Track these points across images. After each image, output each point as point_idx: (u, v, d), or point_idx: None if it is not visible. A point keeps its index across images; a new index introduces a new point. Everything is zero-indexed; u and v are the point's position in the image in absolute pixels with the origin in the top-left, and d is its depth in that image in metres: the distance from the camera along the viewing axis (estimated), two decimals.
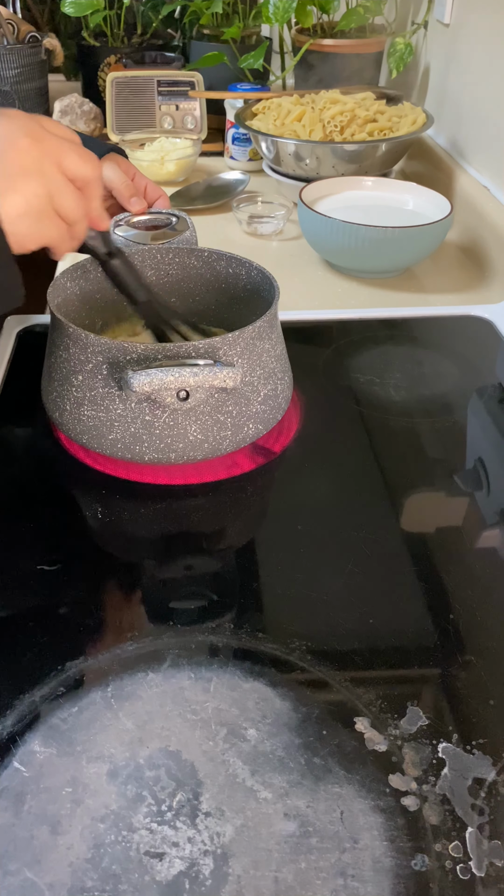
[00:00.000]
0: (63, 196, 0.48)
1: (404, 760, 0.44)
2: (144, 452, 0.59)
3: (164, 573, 0.56)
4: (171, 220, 0.74)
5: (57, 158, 0.48)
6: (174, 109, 1.35)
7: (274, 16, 1.27)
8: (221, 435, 0.60)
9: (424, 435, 0.70)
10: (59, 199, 0.48)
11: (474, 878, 0.39)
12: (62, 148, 0.48)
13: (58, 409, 0.62)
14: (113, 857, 0.39)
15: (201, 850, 0.40)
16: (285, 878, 0.39)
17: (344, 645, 0.50)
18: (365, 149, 1.08)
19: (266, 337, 0.61)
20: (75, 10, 1.35)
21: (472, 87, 1.11)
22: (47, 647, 0.50)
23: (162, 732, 0.45)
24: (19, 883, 0.39)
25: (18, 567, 0.56)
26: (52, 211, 0.48)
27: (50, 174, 0.47)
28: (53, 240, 0.50)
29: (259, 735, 0.45)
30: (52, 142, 0.48)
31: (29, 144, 0.46)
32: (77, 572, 0.56)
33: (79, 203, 0.50)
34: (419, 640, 0.51)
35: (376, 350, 0.83)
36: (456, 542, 0.59)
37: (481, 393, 0.76)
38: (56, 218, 0.49)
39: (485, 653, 0.50)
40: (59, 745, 0.44)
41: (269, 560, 0.57)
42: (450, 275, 1.00)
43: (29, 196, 0.46)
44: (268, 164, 1.19)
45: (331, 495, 0.64)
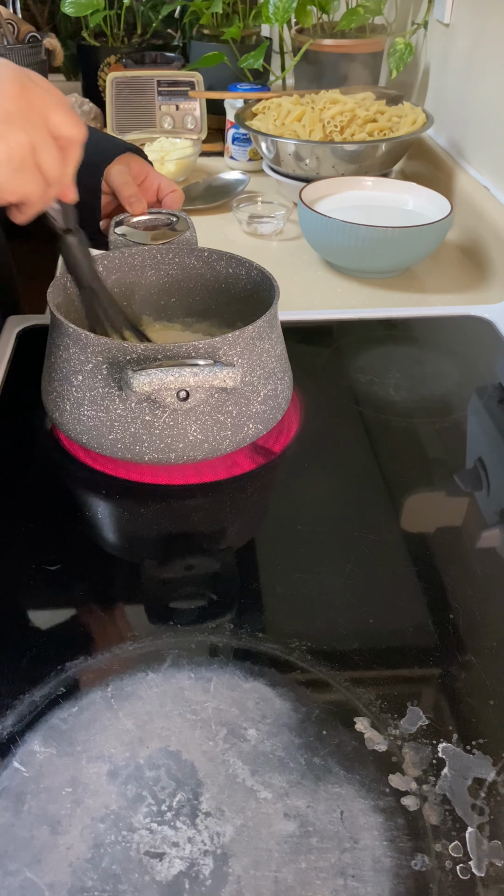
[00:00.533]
0: (46, 151, 0.46)
1: (404, 760, 0.44)
2: (144, 452, 0.59)
3: (164, 573, 0.56)
4: (171, 220, 0.74)
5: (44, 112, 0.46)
6: (174, 109, 1.35)
7: (274, 16, 1.27)
8: (221, 435, 0.60)
9: (424, 435, 0.70)
10: (42, 154, 0.46)
11: (474, 878, 0.39)
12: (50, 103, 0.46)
13: (58, 409, 0.62)
14: (113, 857, 0.39)
15: (201, 850, 0.40)
16: (285, 878, 0.39)
17: (344, 645, 0.50)
18: (365, 149, 1.08)
19: (266, 337, 0.61)
20: (75, 10, 1.35)
21: (471, 87, 1.11)
22: (47, 647, 0.50)
23: (162, 732, 0.45)
24: (19, 883, 0.39)
25: (18, 567, 0.56)
26: (33, 164, 0.46)
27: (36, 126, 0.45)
28: (30, 195, 0.48)
29: (259, 735, 0.45)
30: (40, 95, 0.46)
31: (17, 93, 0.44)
32: (77, 572, 0.56)
33: (59, 161, 0.48)
34: (419, 640, 0.51)
35: (376, 350, 0.83)
36: (456, 542, 0.59)
37: (481, 393, 0.76)
38: (36, 172, 0.47)
39: (485, 653, 0.50)
40: (59, 745, 0.44)
41: (269, 560, 0.57)
42: (450, 275, 1.00)
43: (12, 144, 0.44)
44: (268, 164, 1.19)
45: (331, 495, 0.64)
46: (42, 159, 0.47)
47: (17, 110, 0.44)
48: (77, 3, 1.35)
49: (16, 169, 0.45)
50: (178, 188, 0.76)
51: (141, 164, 0.75)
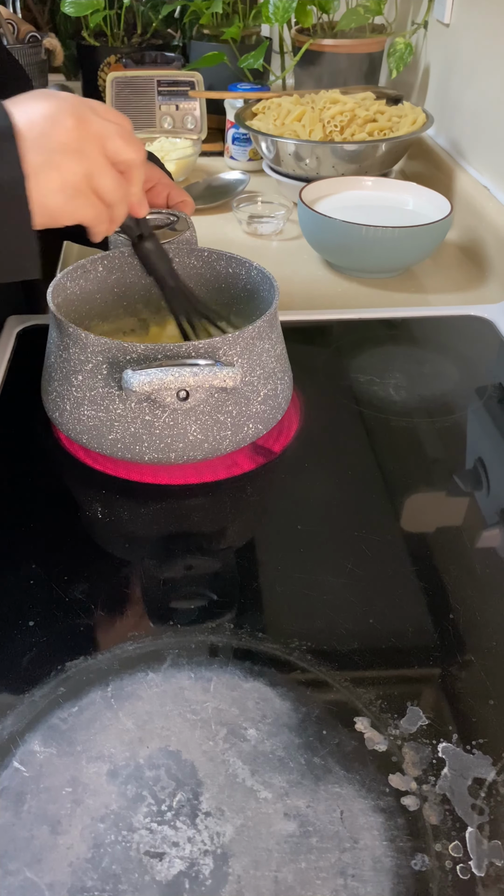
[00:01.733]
0: (102, 177, 0.49)
1: (404, 760, 0.44)
2: (144, 452, 0.59)
3: (164, 573, 0.56)
4: (171, 220, 0.74)
5: (101, 141, 0.49)
6: (174, 109, 1.35)
7: (274, 16, 1.27)
8: (221, 435, 0.60)
9: (424, 435, 0.70)
10: (98, 180, 0.49)
11: (474, 878, 0.39)
12: (108, 131, 0.49)
13: (58, 409, 0.62)
14: (113, 857, 0.39)
15: (201, 849, 0.40)
16: (285, 878, 0.39)
17: (344, 645, 0.50)
18: (365, 149, 1.08)
19: (266, 337, 0.61)
20: (75, 10, 1.35)
21: (472, 87, 1.11)
22: (47, 647, 0.50)
23: (162, 732, 0.45)
24: (19, 883, 0.39)
25: (18, 567, 0.56)
26: (89, 190, 0.49)
27: (91, 155, 0.48)
28: (89, 219, 0.51)
29: (259, 735, 0.45)
30: (97, 124, 0.49)
31: (74, 124, 0.47)
32: (77, 572, 0.56)
33: (118, 185, 0.51)
34: (419, 640, 0.51)
35: (376, 350, 0.83)
36: (456, 542, 0.59)
37: (481, 393, 0.76)
38: (93, 197, 0.50)
39: (485, 653, 0.50)
40: (59, 745, 0.44)
41: (269, 560, 0.57)
42: (450, 275, 1.00)
43: (66, 173, 0.47)
44: (268, 164, 1.19)
45: (331, 495, 0.64)
46: (98, 184, 0.49)
47: (71, 141, 0.47)
48: (77, 3, 1.35)
49: (70, 196, 0.48)
50: (189, 198, 0.76)
51: (152, 170, 0.75)
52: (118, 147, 0.50)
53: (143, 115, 1.35)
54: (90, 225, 0.52)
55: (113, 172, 0.51)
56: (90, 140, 0.48)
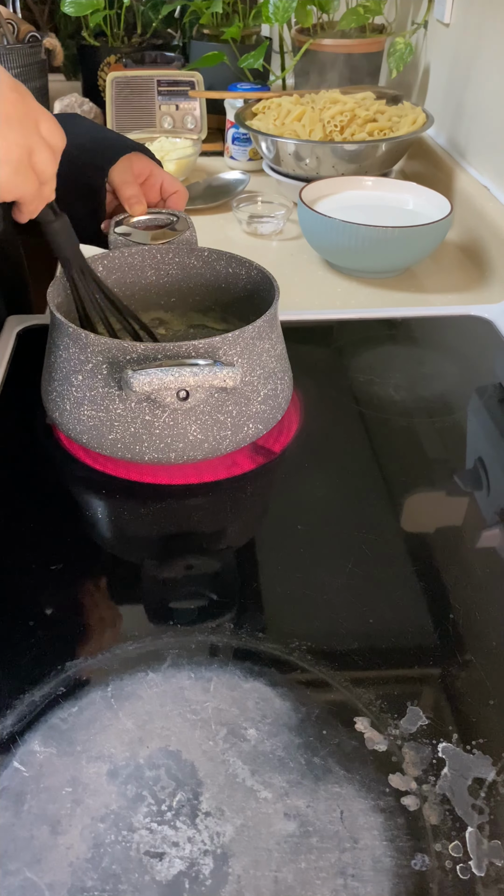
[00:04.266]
0: (41, 152, 0.50)
1: (404, 760, 0.44)
2: (144, 452, 0.59)
3: (164, 573, 0.56)
4: (171, 220, 0.74)
5: (37, 119, 0.50)
6: (174, 109, 1.35)
7: (274, 16, 1.27)
8: (221, 435, 0.60)
9: (424, 435, 0.70)
10: (37, 155, 0.50)
11: (474, 878, 0.39)
12: (41, 112, 0.50)
13: (58, 409, 0.62)
14: (113, 857, 0.39)
15: (201, 849, 0.40)
16: (285, 877, 0.39)
17: (344, 645, 0.50)
18: (365, 149, 1.08)
19: (266, 337, 0.61)
20: (75, 10, 1.35)
21: (472, 87, 1.11)
22: (47, 647, 0.50)
23: (162, 732, 0.45)
24: (19, 883, 0.39)
25: (18, 567, 0.56)
26: (28, 165, 0.50)
27: (31, 130, 0.49)
28: (26, 195, 0.52)
29: (259, 735, 0.45)
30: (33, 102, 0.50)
31: (15, 98, 0.48)
32: (77, 572, 0.56)
33: (52, 163, 0.52)
34: (419, 640, 0.51)
35: (376, 350, 0.83)
36: (456, 542, 0.59)
37: (481, 393, 0.76)
38: (31, 173, 0.51)
39: (485, 653, 0.50)
40: (59, 744, 0.44)
41: (269, 560, 0.57)
42: (450, 275, 1.00)
43: (11, 144, 0.48)
44: (268, 164, 1.19)
45: (331, 495, 0.64)
46: (36, 160, 0.50)
47: (15, 114, 0.48)
48: (77, 3, 1.35)
49: (14, 169, 0.49)
50: (182, 187, 0.76)
51: (144, 162, 0.75)
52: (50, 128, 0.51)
53: (143, 115, 1.35)
54: (25, 201, 0.52)
55: (49, 150, 0.51)
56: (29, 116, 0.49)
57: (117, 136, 0.79)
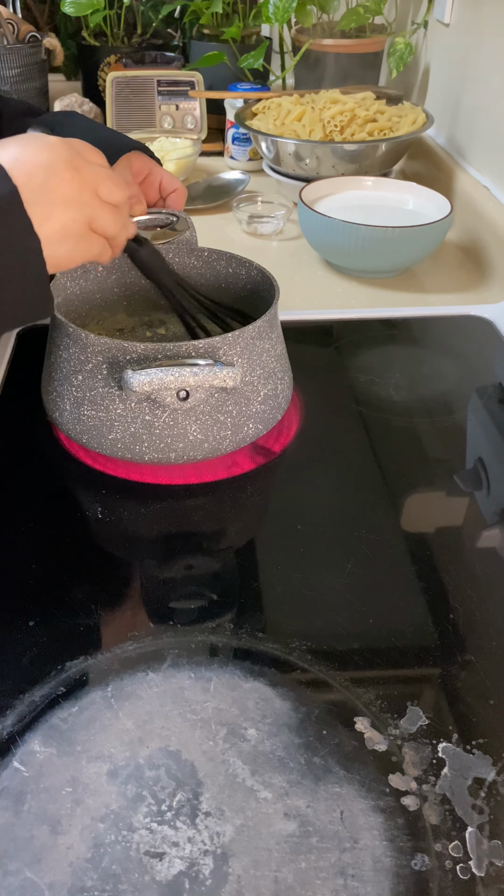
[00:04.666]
0: (101, 218, 0.52)
1: (404, 760, 0.44)
2: (144, 452, 0.59)
3: (164, 573, 0.56)
4: (171, 220, 0.74)
5: (95, 187, 0.51)
6: (174, 109, 1.35)
7: (274, 16, 1.27)
8: (221, 435, 0.60)
9: (424, 435, 0.70)
10: (98, 222, 0.52)
11: (474, 878, 0.39)
12: (99, 176, 0.52)
13: (58, 409, 0.62)
14: (113, 857, 0.39)
15: (201, 849, 0.40)
16: (285, 877, 0.39)
17: (344, 645, 0.50)
18: (365, 149, 1.08)
19: (266, 337, 0.61)
20: (75, 9, 1.35)
21: (472, 87, 1.11)
22: (47, 647, 0.50)
23: (162, 732, 0.45)
24: (19, 883, 0.39)
25: (19, 567, 0.56)
26: (89, 232, 0.52)
27: (88, 202, 0.51)
28: (94, 256, 0.54)
29: (259, 735, 0.45)
30: (89, 171, 0.51)
31: (71, 176, 0.49)
32: (77, 572, 0.56)
33: (115, 221, 0.53)
34: (419, 640, 0.51)
35: (376, 350, 0.83)
36: (456, 542, 0.59)
37: (481, 393, 0.76)
38: (94, 237, 0.53)
39: (485, 653, 0.50)
40: (59, 744, 0.44)
41: (269, 560, 0.57)
42: (450, 275, 1.00)
43: (68, 223, 0.49)
44: (268, 164, 1.19)
45: (331, 495, 0.64)
46: (98, 226, 0.52)
47: (70, 192, 0.49)
48: (77, 3, 1.35)
49: (74, 242, 0.51)
50: (182, 186, 0.76)
51: (143, 161, 0.75)
52: (110, 190, 0.52)
53: (143, 115, 1.35)
54: (100, 257, 0.55)
55: (110, 210, 0.53)
56: (86, 188, 0.50)
57: (116, 135, 0.79)
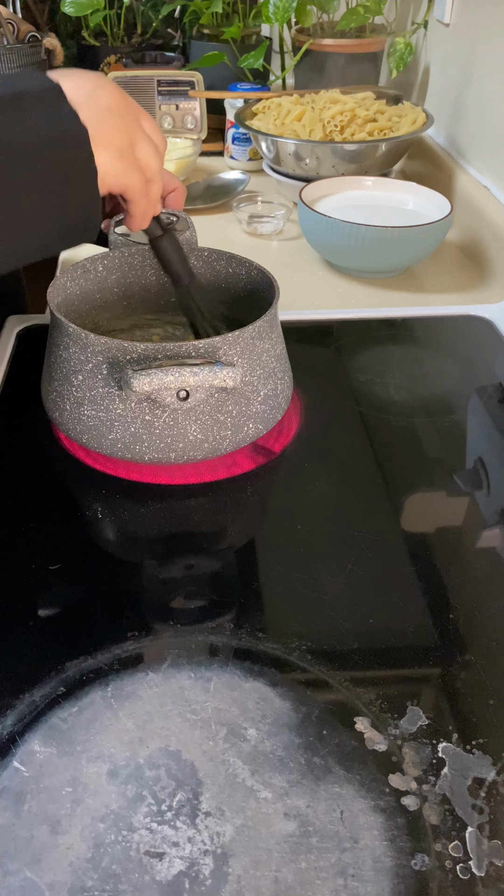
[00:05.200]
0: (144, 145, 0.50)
1: (404, 760, 0.44)
2: (144, 452, 0.59)
3: (164, 573, 0.56)
4: (171, 220, 0.74)
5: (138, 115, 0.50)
6: (174, 109, 1.35)
7: (274, 16, 1.27)
8: (221, 435, 0.60)
9: (424, 435, 0.70)
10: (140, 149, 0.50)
11: (474, 878, 0.39)
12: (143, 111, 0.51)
13: (58, 409, 0.62)
14: (113, 857, 0.39)
15: (201, 849, 0.40)
16: (285, 877, 0.39)
17: (344, 645, 0.50)
18: (365, 149, 1.08)
19: (266, 337, 0.61)
20: (75, 9, 1.35)
21: (472, 87, 1.11)
22: (47, 647, 0.50)
23: (162, 732, 0.45)
24: (19, 883, 0.39)
25: (18, 567, 0.56)
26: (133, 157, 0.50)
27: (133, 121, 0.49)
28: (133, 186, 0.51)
29: (259, 735, 0.45)
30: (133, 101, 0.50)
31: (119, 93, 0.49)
32: (77, 572, 0.56)
33: (157, 158, 0.51)
34: (419, 640, 0.51)
35: (376, 350, 0.83)
36: (456, 542, 0.59)
37: (481, 393, 0.76)
38: (137, 165, 0.50)
39: (485, 652, 0.50)
40: (59, 744, 0.44)
41: (269, 560, 0.57)
42: (450, 275, 1.00)
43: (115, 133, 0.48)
44: (268, 164, 1.19)
45: (331, 495, 0.64)
46: (140, 153, 0.50)
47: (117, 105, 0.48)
48: (77, 3, 1.35)
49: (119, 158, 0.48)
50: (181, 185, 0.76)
51: None
52: (153, 127, 0.51)
53: None
54: (133, 197, 0.52)
55: (152, 144, 0.51)
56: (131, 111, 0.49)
57: None
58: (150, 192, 0.53)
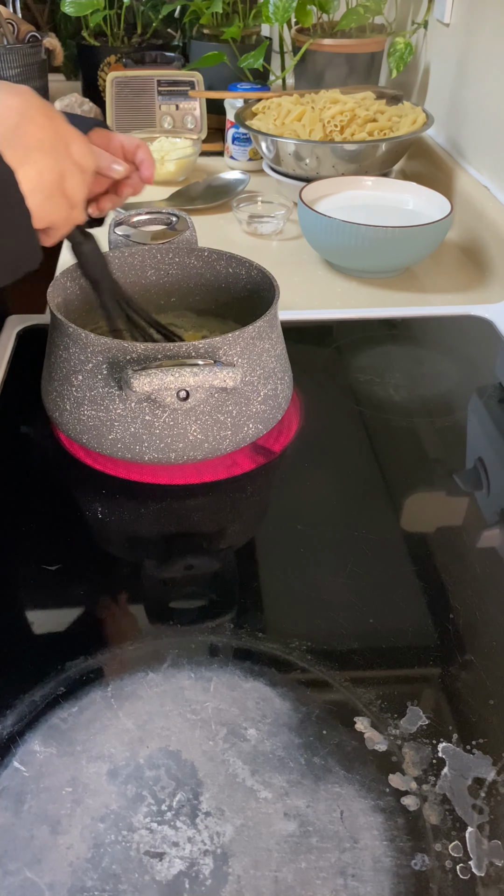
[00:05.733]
0: (72, 177, 0.49)
1: (404, 760, 0.44)
2: (144, 452, 0.59)
3: (164, 573, 0.56)
4: (171, 219, 0.74)
5: (68, 142, 0.48)
6: (174, 109, 1.35)
7: (274, 15, 1.27)
8: (221, 435, 0.60)
9: (424, 435, 0.70)
10: (69, 180, 0.48)
11: (474, 878, 0.39)
12: (71, 133, 0.49)
13: (58, 409, 0.62)
14: (113, 857, 0.39)
15: (201, 849, 0.40)
16: (285, 877, 0.39)
17: (344, 645, 0.50)
18: (365, 149, 1.08)
19: (266, 337, 0.61)
20: (75, 9, 1.35)
21: (472, 87, 1.11)
22: (47, 647, 0.50)
23: (162, 732, 0.45)
24: (19, 883, 0.39)
25: (18, 567, 0.56)
26: (60, 191, 0.49)
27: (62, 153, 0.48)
28: (57, 220, 0.50)
29: (259, 735, 0.45)
30: (63, 124, 0.48)
31: (45, 122, 0.46)
32: (77, 572, 0.56)
33: (83, 187, 0.50)
34: (419, 640, 0.51)
35: (376, 350, 0.83)
36: (456, 542, 0.59)
37: (481, 393, 0.76)
38: (63, 198, 0.49)
39: (485, 653, 0.50)
40: (59, 744, 0.44)
41: (269, 560, 0.57)
42: (450, 275, 1.00)
43: (43, 170, 0.46)
44: (268, 164, 1.19)
45: (331, 495, 0.64)
46: (67, 185, 0.49)
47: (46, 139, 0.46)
48: (77, 3, 1.35)
49: (46, 195, 0.47)
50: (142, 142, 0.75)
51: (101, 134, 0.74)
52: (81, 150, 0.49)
53: (143, 115, 1.35)
54: (57, 227, 0.51)
55: (80, 174, 0.50)
56: (60, 140, 0.48)
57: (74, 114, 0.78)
58: (72, 218, 0.52)
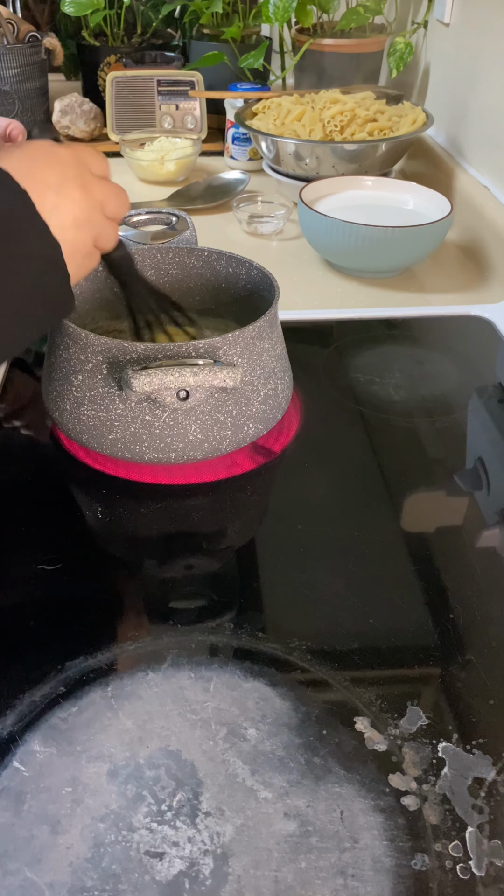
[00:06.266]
0: (105, 236, 0.51)
1: (404, 760, 0.44)
2: (144, 452, 0.59)
3: (164, 573, 0.56)
4: (171, 219, 0.74)
5: (102, 205, 0.50)
6: (174, 109, 1.35)
7: (274, 15, 1.27)
8: (221, 435, 0.60)
9: (424, 435, 0.70)
10: (102, 240, 0.51)
11: (474, 878, 0.39)
12: (106, 193, 0.51)
13: (58, 409, 0.62)
14: (113, 857, 0.40)
15: (201, 849, 0.40)
16: (285, 877, 0.39)
17: (344, 645, 0.50)
18: (365, 148, 1.08)
19: (266, 337, 0.61)
20: (75, 9, 1.35)
21: (471, 87, 1.11)
22: (47, 647, 0.50)
23: (162, 732, 0.45)
24: (19, 883, 0.39)
25: (18, 567, 0.56)
26: (94, 249, 0.51)
27: (96, 222, 0.50)
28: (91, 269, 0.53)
29: (259, 735, 0.45)
30: (97, 188, 0.50)
31: (81, 196, 0.48)
32: (77, 572, 0.56)
33: (115, 237, 0.53)
34: (419, 640, 0.51)
35: (376, 350, 0.83)
36: (456, 542, 0.59)
37: (481, 393, 0.76)
38: (96, 253, 0.52)
39: (485, 653, 0.50)
40: (59, 744, 0.44)
41: (269, 560, 0.57)
42: (450, 275, 1.00)
43: (77, 244, 0.49)
44: (268, 164, 1.19)
45: (331, 495, 0.64)
46: (101, 243, 0.52)
47: (81, 214, 0.48)
48: (77, 3, 1.35)
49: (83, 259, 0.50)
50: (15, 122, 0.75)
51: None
52: (116, 208, 0.52)
53: (143, 115, 1.35)
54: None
55: (113, 228, 0.52)
56: (95, 208, 0.50)
57: None
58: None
